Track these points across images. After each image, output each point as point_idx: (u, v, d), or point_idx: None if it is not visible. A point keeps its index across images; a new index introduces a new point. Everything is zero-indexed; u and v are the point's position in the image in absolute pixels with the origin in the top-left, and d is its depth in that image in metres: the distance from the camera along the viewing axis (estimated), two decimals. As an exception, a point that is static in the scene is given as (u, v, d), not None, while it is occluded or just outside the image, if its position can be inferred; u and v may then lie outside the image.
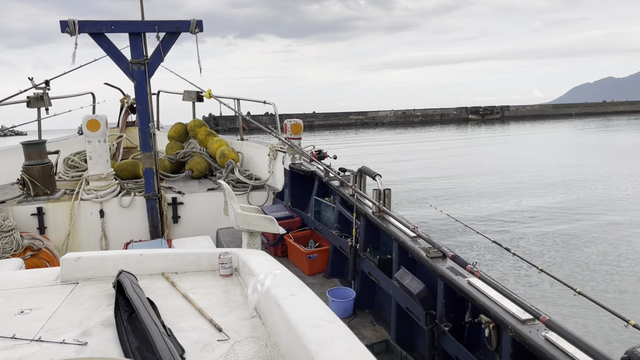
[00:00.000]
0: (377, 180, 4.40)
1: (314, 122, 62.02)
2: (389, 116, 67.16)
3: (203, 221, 6.70)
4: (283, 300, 1.97)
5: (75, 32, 5.42)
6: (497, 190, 15.92)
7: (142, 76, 5.80)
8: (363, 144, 36.90)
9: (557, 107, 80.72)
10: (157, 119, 10.42)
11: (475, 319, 2.88)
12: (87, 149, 6.29)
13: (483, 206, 13.47)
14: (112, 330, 2.00)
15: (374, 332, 4.06)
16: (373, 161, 22.43)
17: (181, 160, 8.36)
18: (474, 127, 56.35)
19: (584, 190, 15.26)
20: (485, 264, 8.48)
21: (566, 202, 13.75)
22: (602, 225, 11.16)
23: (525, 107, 74.73)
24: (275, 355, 1.84)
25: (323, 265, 5.21)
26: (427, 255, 3.35)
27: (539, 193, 15.07)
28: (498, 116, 69.66)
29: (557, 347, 2.20)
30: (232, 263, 2.68)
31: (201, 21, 5.77)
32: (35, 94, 7.45)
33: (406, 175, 19.41)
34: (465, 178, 18.42)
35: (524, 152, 27.54)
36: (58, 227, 6.18)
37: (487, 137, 41.26)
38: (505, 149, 30.15)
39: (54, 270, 2.68)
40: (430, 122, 66.49)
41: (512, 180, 17.73)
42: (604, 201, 13.68)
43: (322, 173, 5.59)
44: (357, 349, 1.62)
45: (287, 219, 5.84)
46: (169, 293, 2.43)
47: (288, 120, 6.48)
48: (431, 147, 32.25)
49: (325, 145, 6.81)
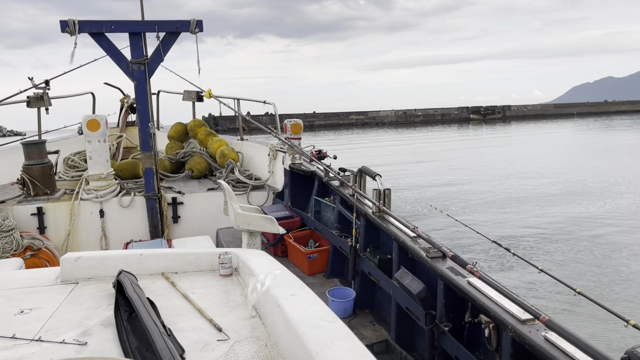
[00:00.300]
0: (377, 180, 4.40)
1: (314, 122, 61.48)
2: (390, 116, 66.55)
3: (203, 221, 6.70)
4: (283, 300, 1.97)
5: (75, 32, 5.42)
6: (512, 194, 14.99)
7: (142, 76, 5.80)
8: (365, 144, 35.86)
9: (559, 106, 79.80)
10: (157, 119, 10.42)
11: (475, 319, 2.88)
12: (87, 149, 6.29)
13: (499, 213, 12.76)
14: (112, 330, 2.00)
15: (374, 332, 4.06)
16: (377, 163, 21.22)
17: (181, 160, 8.36)
18: (475, 127, 55.48)
19: (610, 197, 14.11)
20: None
21: (599, 209, 12.62)
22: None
23: (527, 107, 74.03)
24: (275, 355, 1.84)
25: (323, 265, 5.21)
26: (427, 255, 3.35)
27: (563, 200, 14.04)
28: (499, 116, 69.05)
29: (557, 347, 2.20)
30: (232, 263, 2.68)
31: (201, 21, 5.77)
32: (35, 93, 7.45)
33: (414, 178, 18.36)
34: (478, 183, 17.17)
35: (534, 152, 26.37)
36: (58, 227, 6.18)
37: (491, 137, 40.53)
38: (512, 149, 29.02)
39: (54, 270, 2.68)
40: (432, 122, 65.92)
41: (527, 184, 16.67)
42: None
43: (322, 173, 5.59)
44: (357, 349, 1.62)
45: (287, 219, 5.84)
46: (169, 293, 2.43)
47: (288, 120, 6.48)
48: (435, 147, 31.30)
49: (327, 146, 6.76)
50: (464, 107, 70.14)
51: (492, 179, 17.93)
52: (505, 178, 18.08)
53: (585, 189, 15.65)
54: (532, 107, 75.09)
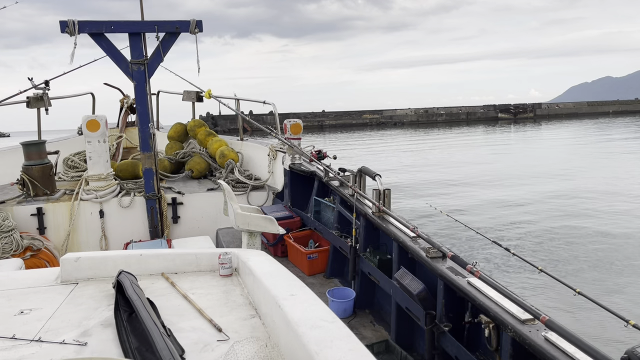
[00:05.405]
0: (377, 180, 4.40)
1: (324, 122, 58.13)
2: (409, 115, 61.80)
3: (203, 221, 6.70)
4: (283, 301, 1.97)
5: (75, 33, 5.42)
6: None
7: (141, 76, 5.80)
8: (386, 147, 30.88)
9: (593, 104, 74.16)
10: (157, 119, 10.43)
11: (475, 319, 2.88)
12: (87, 149, 6.29)
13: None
14: (112, 331, 2.00)
15: (374, 332, 4.06)
16: (416, 179, 17.00)
17: (181, 161, 8.36)
18: (505, 127, 50.06)
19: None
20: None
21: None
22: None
23: (559, 105, 69.94)
24: (275, 356, 1.84)
25: (323, 265, 5.21)
26: (427, 256, 3.35)
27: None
28: (531, 115, 64.84)
29: (557, 347, 2.20)
30: (232, 263, 2.68)
31: (201, 21, 5.77)
32: (35, 94, 7.45)
33: (468, 201, 13.98)
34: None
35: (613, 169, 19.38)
36: (58, 228, 6.18)
37: (534, 139, 35.18)
38: (575, 156, 23.52)
39: (54, 270, 2.68)
40: (456, 121, 61.81)
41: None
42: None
43: (322, 173, 5.59)
44: (357, 349, 1.62)
45: (287, 219, 5.83)
46: (169, 293, 2.43)
47: (288, 121, 6.48)
48: (475, 152, 26.44)
49: (345, 151, 6.49)
50: (490, 106, 66.49)
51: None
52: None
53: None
54: (564, 106, 70.98)
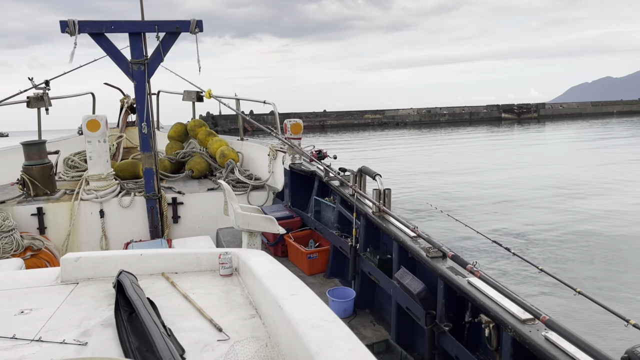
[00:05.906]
0: (377, 180, 4.40)
1: (325, 122, 57.90)
2: (412, 115, 61.65)
3: (203, 221, 6.70)
4: (283, 300, 1.97)
5: (75, 32, 5.42)
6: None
7: (142, 76, 5.79)
8: (391, 149, 29.62)
9: (597, 104, 73.59)
10: (157, 119, 10.43)
11: (475, 318, 2.88)
12: (87, 149, 6.29)
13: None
14: (112, 330, 2.00)
15: (374, 332, 4.06)
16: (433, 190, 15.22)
17: (181, 160, 8.36)
18: (509, 128, 49.07)
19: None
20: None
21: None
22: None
23: (562, 105, 69.41)
24: (275, 355, 1.84)
25: (323, 265, 5.21)
26: (427, 255, 3.35)
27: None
28: (535, 115, 64.58)
29: (557, 346, 2.20)
30: (232, 263, 2.68)
31: (201, 21, 5.77)
32: (35, 94, 7.45)
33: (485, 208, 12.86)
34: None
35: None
36: (58, 227, 6.18)
37: (540, 138, 34.04)
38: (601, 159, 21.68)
39: (54, 270, 2.68)
40: (459, 121, 61.66)
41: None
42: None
43: (322, 173, 5.59)
44: (357, 349, 1.62)
45: (287, 219, 5.83)
46: (169, 293, 2.43)
47: (288, 120, 6.48)
48: (485, 155, 24.81)
49: (347, 152, 6.47)
50: (493, 106, 66.29)
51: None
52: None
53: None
54: (568, 106, 70.43)
